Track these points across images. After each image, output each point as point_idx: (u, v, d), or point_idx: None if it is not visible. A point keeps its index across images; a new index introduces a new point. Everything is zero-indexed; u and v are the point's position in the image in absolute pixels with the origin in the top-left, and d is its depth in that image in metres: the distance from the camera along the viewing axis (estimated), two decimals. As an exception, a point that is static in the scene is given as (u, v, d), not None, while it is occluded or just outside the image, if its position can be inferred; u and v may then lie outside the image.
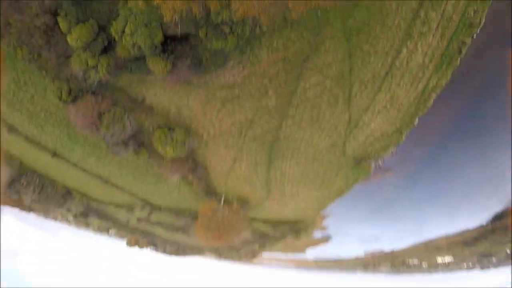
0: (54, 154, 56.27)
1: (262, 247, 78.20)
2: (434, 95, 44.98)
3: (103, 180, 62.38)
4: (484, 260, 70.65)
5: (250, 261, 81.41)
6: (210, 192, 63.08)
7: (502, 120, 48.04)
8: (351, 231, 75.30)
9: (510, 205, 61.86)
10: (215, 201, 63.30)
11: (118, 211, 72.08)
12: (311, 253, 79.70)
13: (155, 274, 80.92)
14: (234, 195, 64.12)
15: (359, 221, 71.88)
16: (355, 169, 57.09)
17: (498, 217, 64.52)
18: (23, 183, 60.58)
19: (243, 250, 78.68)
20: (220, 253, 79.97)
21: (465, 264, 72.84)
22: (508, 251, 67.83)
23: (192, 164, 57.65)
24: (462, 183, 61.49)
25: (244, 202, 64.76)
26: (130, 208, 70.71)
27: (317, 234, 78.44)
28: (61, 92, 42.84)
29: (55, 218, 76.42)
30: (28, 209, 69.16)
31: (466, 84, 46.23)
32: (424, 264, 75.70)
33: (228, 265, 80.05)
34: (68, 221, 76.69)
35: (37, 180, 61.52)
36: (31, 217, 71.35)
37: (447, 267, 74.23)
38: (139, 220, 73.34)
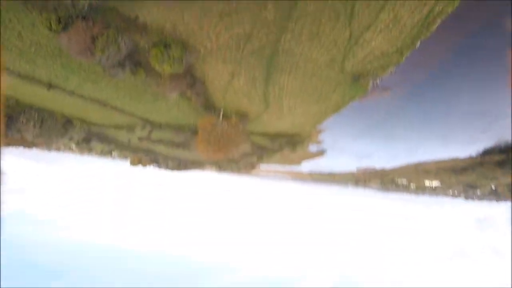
0: (50, 86, 56.21)
1: (260, 159, 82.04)
2: (438, 21, 44.09)
3: (102, 104, 63.07)
4: (469, 191, 74.71)
5: (249, 173, 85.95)
6: (209, 107, 64.33)
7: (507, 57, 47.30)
8: (345, 147, 78.44)
9: (501, 142, 63.52)
10: (214, 116, 64.86)
11: (119, 132, 73.87)
12: (307, 166, 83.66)
13: (159, 190, 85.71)
14: (232, 109, 65.51)
15: (353, 138, 74.46)
16: (352, 86, 57.79)
17: (488, 152, 66.63)
18: (22, 121, 61.48)
19: (242, 163, 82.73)
20: (220, 166, 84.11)
21: (450, 191, 77.15)
22: (493, 187, 71.33)
23: (190, 80, 57.98)
24: (458, 111, 62.48)
25: (242, 116, 66.35)
26: (130, 129, 72.38)
27: (313, 148, 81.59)
28: (50, 22, 41.57)
29: (58, 149, 78.59)
30: (31, 145, 70.78)
31: (473, 13, 44.66)
32: (412, 185, 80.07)
33: (228, 177, 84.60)
34: (71, 150, 78.95)
35: (36, 115, 62.40)
36: (34, 152, 73.15)
37: (433, 191, 78.64)
38: (140, 139, 75.55)
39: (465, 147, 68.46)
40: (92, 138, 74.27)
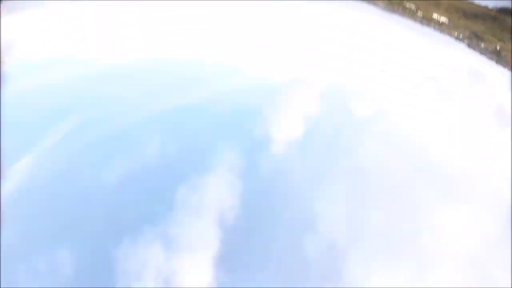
0: None
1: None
2: None
3: None
4: (474, 40, 67.37)
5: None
6: None
7: None
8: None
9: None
10: None
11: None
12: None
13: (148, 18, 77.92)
14: None
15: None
16: None
17: (505, 11, 58.13)
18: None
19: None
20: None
21: (456, 32, 69.76)
22: (498, 47, 64.37)
23: None
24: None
25: None
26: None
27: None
28: None
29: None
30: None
31: None
32: (420, 13, 72.06)
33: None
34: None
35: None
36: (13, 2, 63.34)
37: (439, 26, 71.25)
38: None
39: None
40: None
